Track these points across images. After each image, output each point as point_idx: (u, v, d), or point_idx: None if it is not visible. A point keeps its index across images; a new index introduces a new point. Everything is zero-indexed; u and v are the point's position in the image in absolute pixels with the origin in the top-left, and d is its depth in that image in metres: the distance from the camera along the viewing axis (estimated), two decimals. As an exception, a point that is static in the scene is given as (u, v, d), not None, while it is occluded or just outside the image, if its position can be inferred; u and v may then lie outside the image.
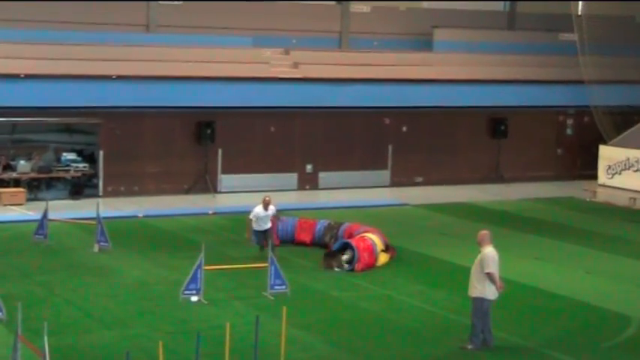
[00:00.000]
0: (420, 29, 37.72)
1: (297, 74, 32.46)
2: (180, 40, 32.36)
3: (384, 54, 35.47)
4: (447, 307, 18.40)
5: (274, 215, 22.00)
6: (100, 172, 29.69)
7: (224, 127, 30.77)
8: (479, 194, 32.35)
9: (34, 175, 28.78)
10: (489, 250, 15.76)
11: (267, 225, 21.76)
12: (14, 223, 25.16)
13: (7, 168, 28.68)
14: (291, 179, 32.39)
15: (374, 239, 21.74)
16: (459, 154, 34.66)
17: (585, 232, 26.72)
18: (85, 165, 29.36)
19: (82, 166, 29.25)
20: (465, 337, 16.03)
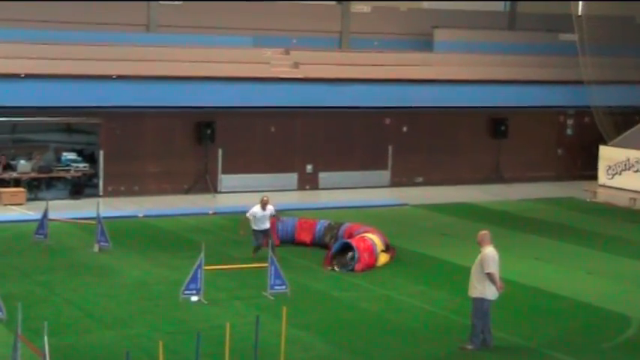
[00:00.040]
0: (421, 29, 37.72)
1: (298, 74, 32.46)
2: (181, 40, 32.38)
3: (384, 54, 35.46)
4: (447, 308, 18.39)
5: (274, 216, 21.98)
6: (101, 172, 29.68)
7: (224, 127, 30.77)
8: (479, 194, 32.34)
9: (34, 175, 28.78)
10: (489, 251, 15.75)
11: (266, 225, 21.70)
12: (14, 222, 25.16)
13: (8, 168, 28.68)
14: (292, 179, 32.39)
15: (374, 239, 21.74)
16: (459, 154, 34.64)
17: (586, 233, 26.71)
18: (86, 165, 29.37)
19: (83, 166, 29.26)
20: (465, 338, 16.03)
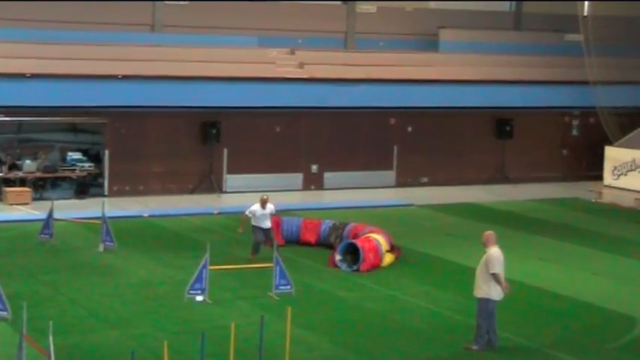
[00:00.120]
0: (426, 30, 37.69)
1: (303, 74, 32.45)
2: (186, 40, 32.40)
3: (389, 54, 35.45)
4: (452, 308, 18.38)
5: (275, 215, 21.89)
6: (106, 172, 29.70)
7: (229, 127, 30.78)
8: (484, 195, 32.31)
9: (39, 175, 28.81)
10: (494, 251, 15.74)
11: (267, 224, 21.62)
12: (20, 222, 25.20)
13: (13, 167, 28.72)
14: (297, 179, 32.39)
15: (379, 240, 21.73)
16: (464, 154, 34.61)
17: (591, 233, 26.68)
18: (91, 164, 29.40)
19: (88, 166, 29.29)
20: (470, 338, 16.02)
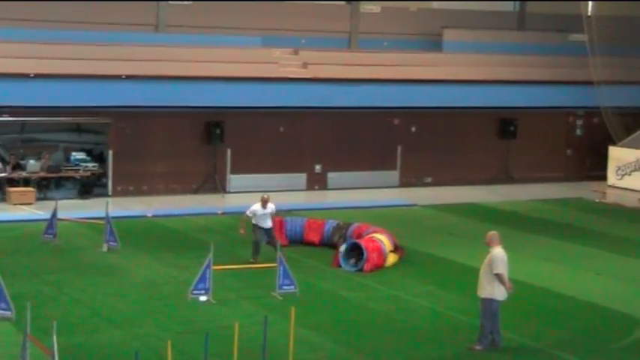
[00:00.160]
0: (430, 30, 37.69)
1: (307, 74, 32.46)
2: (190, 40, 32.41)
3: (393, 54, 35.45)
4: (456, 308, 18.37)
5: (276, 215, 21.87)
6: (109, 172, 29.72)
7: (233, 127, 30.79)
8: (488, 195, 32.30)
9: (43, 175, 28.83)
10: (498, 251, 15.74)
11: (268, 223, 21.48)
12: (23, 222, 25.22)
13: (17, 167, 28.75)
14: (300, 179, 32.38)
15: (383, 240, 21.73)
16: (468, 154, 34.59)
17: (594, 233, 26.65)
18: (95, 164, 29.41)
19: (92, 166, 29.30)
20: (474, 338, 16.01)
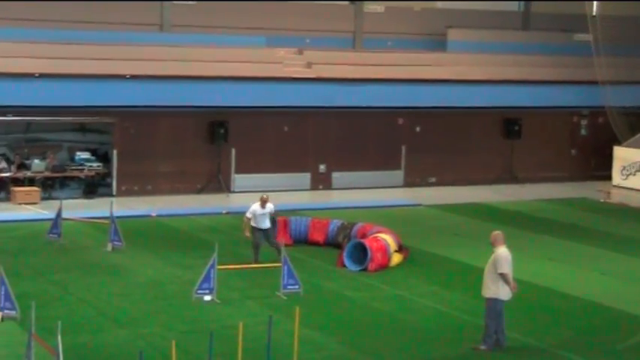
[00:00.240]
0: (434, 29, 37.69)
1: (311, 74, 32.46)
2: (194, 40, 32.44)
3: (397, 54, 35.44)
4: (460, 308, 18.36)
5: (274, 215, 21.83)
6: (114, 172, 29.74)
7: (237, 126, 30.79)
8: (492, 195, 32.28)
9: (48, 174, 28.86)
10: (502, 251, 15.72)
11: (266, 224, 21.26)
12: (28, 222, 25.24)
13: (22, 167, 28.78)
14: (305, 179, 32.38)
15: (387, 239, 21.71)
16: (472, 154, 34.57)
17: (599, 233, 26.62)
18: (99, 164, 29.45)
19: (96, 166, 29.34)
20: (478, 338, 16.00)
